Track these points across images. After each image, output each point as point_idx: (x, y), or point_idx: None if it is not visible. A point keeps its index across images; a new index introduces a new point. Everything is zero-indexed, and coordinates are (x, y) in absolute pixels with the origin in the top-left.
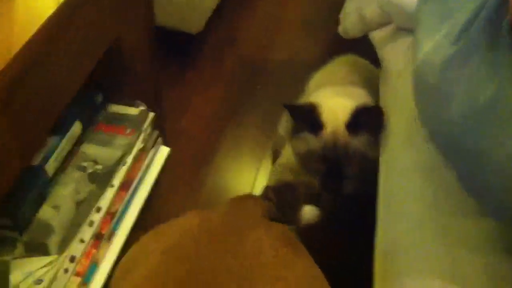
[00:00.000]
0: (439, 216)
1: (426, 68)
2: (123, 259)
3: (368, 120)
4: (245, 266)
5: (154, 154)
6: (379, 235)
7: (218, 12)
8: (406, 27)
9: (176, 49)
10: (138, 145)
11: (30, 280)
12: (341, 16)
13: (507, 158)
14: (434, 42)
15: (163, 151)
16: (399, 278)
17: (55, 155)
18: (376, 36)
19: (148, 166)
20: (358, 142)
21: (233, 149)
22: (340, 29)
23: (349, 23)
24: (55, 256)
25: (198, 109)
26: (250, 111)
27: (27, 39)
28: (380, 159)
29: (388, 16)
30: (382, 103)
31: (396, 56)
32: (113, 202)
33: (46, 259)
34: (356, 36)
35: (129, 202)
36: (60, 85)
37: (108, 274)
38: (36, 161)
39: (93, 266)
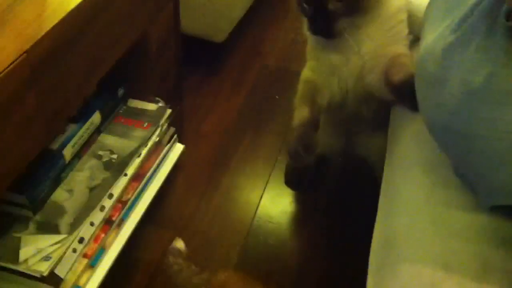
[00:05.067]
0: (435, 207)
1: (428, 57)
2: None
3: None
4: None
5: (169, 150)
6: (378, 225)
7: (244, 22)
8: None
9: (202, 56)
10: (154, 139)
11: (39, 256)
12: None
13: (497, 138)
14: (437, 33)
15: (178, 148)
16: (394, 266)
17: (73, 141)
18: None
19: (162, 161)
20: None
21: (249, 155)
22: None
23: None
24: (65, 235)
25: (219, 115)
26: (270, 119)
27: (56, 22)
28: (386, 154)
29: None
30: None
31: None
32: (125, 191)
33: (56, 238)
34: None
35: (140, 193)
36: (84, 72)
37: (114, 260)
38: (55, 145)
39: (101, 250)
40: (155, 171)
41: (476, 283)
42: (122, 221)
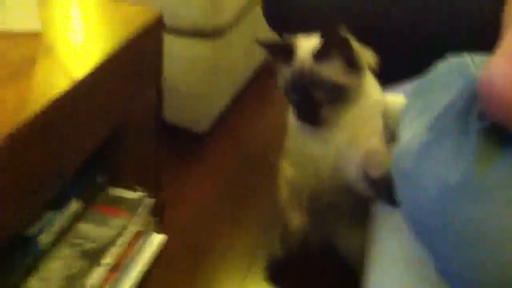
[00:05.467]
0: None
1: (404, 155)
2: None
3: (336, 48)
4: None
5: (148, 240)
6: None
7: (226, 111)
8: None
9: (182, 143)
10: (133, 228)
11: None
12: None
13: (477, 236)
14: (412, 132)
15: (157, 238)
16: None
17: (48, 228)
18: None
19: (140, 251)
20: (325, 68)
21: (228, 247)
22: None
23: None
24: None
25: (197, 202)
26: (249, 208)
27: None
28: (367, 248)
29: None
30: None
31: None
32: (102, 282)
33: None
34: None
35: (117, 283)
36: (61, 157)
37: None
38: (30, 232)
39: None
40: (133, 260)
41: None
42: None
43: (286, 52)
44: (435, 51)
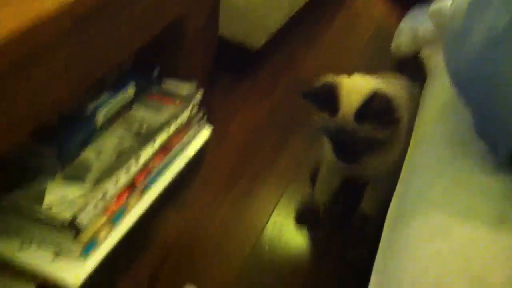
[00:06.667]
0: (455, 172)
1: (455, 13)
2: None
3: (377, 110)
4: None
5: (197, 130)
6: (397, 188)
7: (282, 32)
8: None
9: (234, 60)
10: (184, 115)
11: (63, 204)
12: (396, 33)
13: None
14: None
15: (206, 130)
16: (409, 216)
17: (105, 108)
18: (425, 53)
19: (189, 140)
20: (364, 130)
21: (271, 161)
22: (393, 46)
23: (402, 40)
24: (89, 188)
25: (246, 119)
26: (296, 132)
27: None
28: (413, 133)
29: (439, 32)
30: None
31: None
32: (151, 160)
33: (80, 188)
34: (407, 53)
35: (165, 166)
36: (122, 39)
37: (133, 224)
38: (88, 110)
39: (122, 210)
40: (182, 148)
41: (491, 230)
42: (145, 188)
43: (327, 99)
44: None
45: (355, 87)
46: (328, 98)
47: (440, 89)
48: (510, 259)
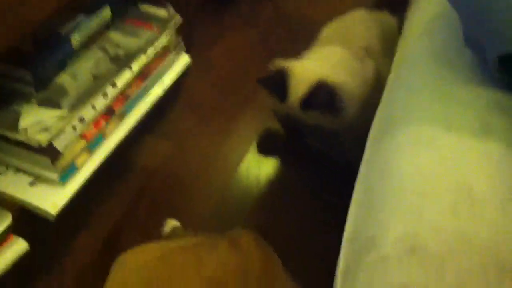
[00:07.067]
0: (441, 84)
1: None
2: None
3: (320, 100)
4: None
5: (176, 57)
6: (382, 100)
7: None
8: None
9: None
10: (162, 41)
11: (39, 127)
12: None
13: None
14: None
15: (185, 57)
16: (392, 128)
17: (81, 29)
18: None
19: (167, 67)
20: (309, 117)
21: (254, 92)
22: None
23: None
24: (66, 111)
25: (229, 49)
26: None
27: None
28: (398, 47)
29: None
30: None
31: None
32: (129, 85)
33: (56, 112)
34: None
35: (143, 92)
36: None
37: (111, 150)
38: (63, 30)
39: (100, 136)
40: (160, 74)
41: (475, 139)
42: (123, 115)
43: (279, 85)
44: None
45: (304, 75)
46: (280, 85)
47: (426, 3)
48: (495, 167)
